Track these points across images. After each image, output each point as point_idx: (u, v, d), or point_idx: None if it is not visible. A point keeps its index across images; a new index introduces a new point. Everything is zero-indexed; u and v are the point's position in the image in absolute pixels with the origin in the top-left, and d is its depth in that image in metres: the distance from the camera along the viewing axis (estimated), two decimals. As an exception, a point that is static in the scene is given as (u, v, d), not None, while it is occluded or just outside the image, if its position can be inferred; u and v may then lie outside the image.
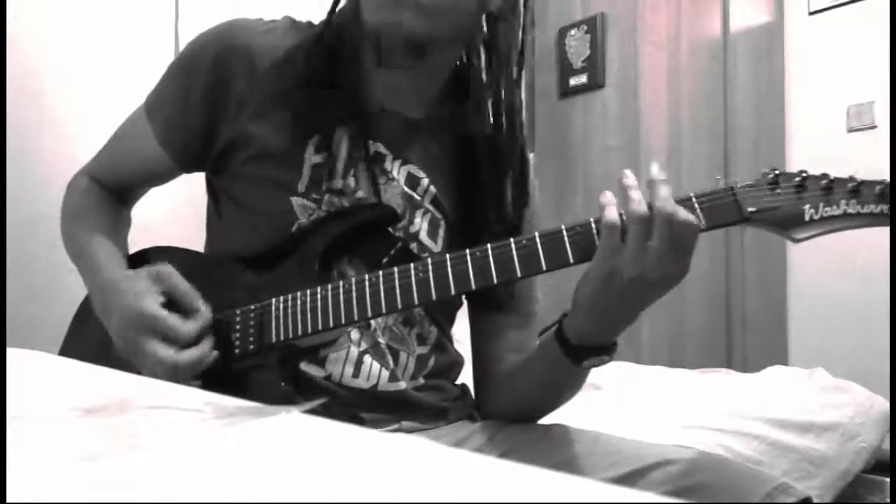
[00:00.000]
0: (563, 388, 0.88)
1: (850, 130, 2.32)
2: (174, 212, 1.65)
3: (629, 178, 0.73)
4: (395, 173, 0.88)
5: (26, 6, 1.74)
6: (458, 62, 0.94)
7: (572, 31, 2.84)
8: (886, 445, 1.72)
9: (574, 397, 0.91)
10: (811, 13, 2.46)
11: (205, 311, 0.80)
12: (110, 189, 0.99)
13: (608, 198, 0.72)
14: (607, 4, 2.77)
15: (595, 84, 2.77)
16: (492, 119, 0.91)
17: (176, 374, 0.77)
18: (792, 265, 2.48)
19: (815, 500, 0.75)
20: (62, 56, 1.80)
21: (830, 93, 2.39)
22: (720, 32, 2.63)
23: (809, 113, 2.45)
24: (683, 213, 0.69)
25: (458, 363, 0.99)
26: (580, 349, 0.78)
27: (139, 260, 0.93)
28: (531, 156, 0.98)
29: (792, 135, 2.48)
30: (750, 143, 2.54)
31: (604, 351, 0.79)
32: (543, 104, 2.96)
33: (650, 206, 0.70)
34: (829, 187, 0.71)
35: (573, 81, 2.84)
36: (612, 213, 0.70)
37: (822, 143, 2.34)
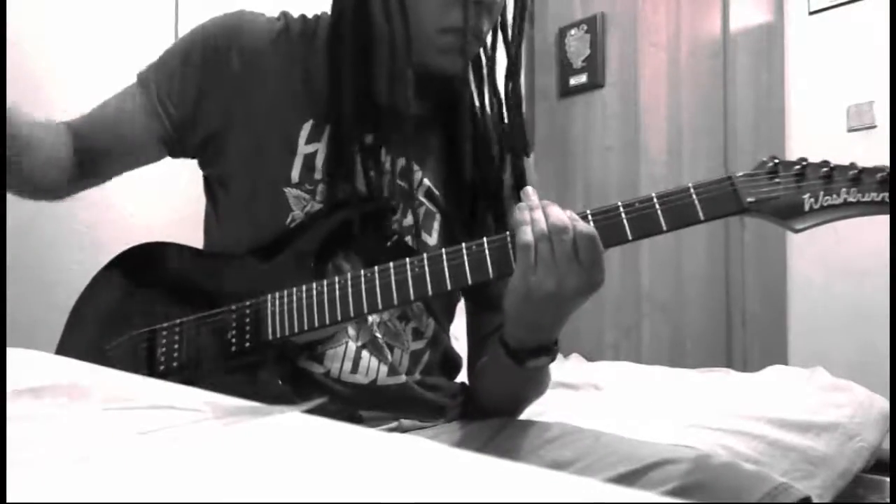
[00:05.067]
0: (523, 388, 0.90)
1: (850, 130, 2.32)
2: (175, 211, 1.65)
3: (531, 197, 0.74)
4: (388, 166, 0.88)
5: (26, 6, 1.74)
6: None
7: (572, 31, 2.84)
8: (886, 445, 1.72)
9: (541, 397, 0.93)
10: (811, 13, 2.46)
11: None
12: (79, 147, 0.92)
13: (524, 215, 0.73)
14: (607, 4, 2.77)
15: (595, 84, 2.77)
16: (484, 111, 0.91)
17: None
18: (792, 265, 2.48)
19: (815, 500, 0.75)
20: (62, 56, 1.80)
21: (830, 93, 2.39)
22: (720, 32, 2.63)
23: (809, 113, 2.45)
24: (581, 226, 0.71)
25: (455, 361, 0.99)
26: (521, 352, 0.81)
27: (138, 254, 0.93)
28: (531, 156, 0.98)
29: (792, 135, 2.49)
30: (750, 142, 2.54)
31: (544, 351, 0.81)
32: (543, 104, 2.96)
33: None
34: (829, 175, 0.69)
35: (573, 81, 2.84)
36: (527, 234, 0.72)
37: (822, 142, 2.34)
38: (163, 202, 1.62)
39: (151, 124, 0.90)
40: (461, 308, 1.00)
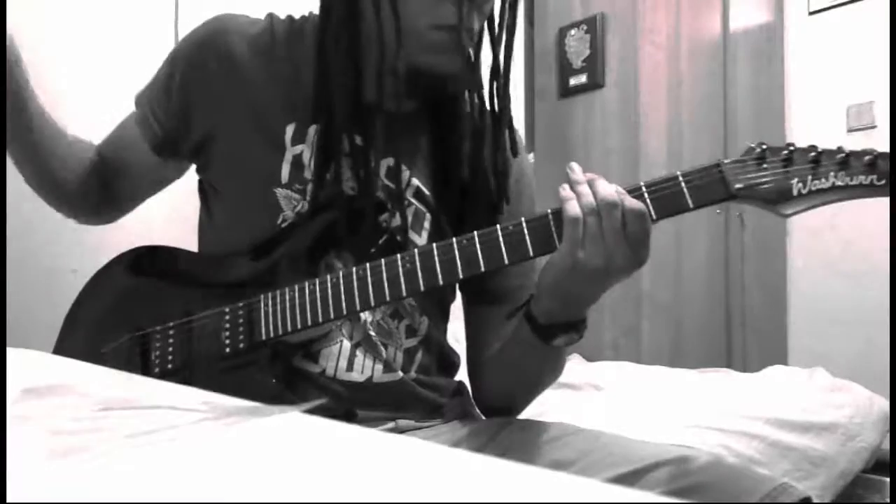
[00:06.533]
0: (541, 369, 0.89)
1: (850, 130, 2.33)
2: (177, 211, 1.65)
3: (576, 172, 0.74)
4: (374, 166, 0.88)
5: (26, 6, 1.74)
6: None
7: (572, 31, 2.84)
8: (886, 445, 1.72)
9: (553, 382, 0.92)
10: (811, 13, 2.46)
11: None
12: (100, 169, 0.98)
13: (567, 192, 0.73)
14: (607, 4, 2.76)
15: (595, 84, 2.77)
16: (475, 108, 0.91)
17: None
18: (792, 265, 2.48)
19: (815, 500, 0.75)
20: (62, 56, 1.79)
21: (830, 93, 2.39)
22: (720, 32, 2.63)
23: (809, 113, 2.45)
24: (630, 202, 0.71)
25: (451, 360, 0.99)
26: (549, 328, 0.79)
27: (134, 257, 0.93)
28: (530, 155, 0.98)
29: (792, 135, 2.49)
30: (750, 142, 2.54)
31: (573, 328, 0.80)
32: (543, 104, 2.96)
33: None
34: (817, 160, 0.69)
35: (573, 81, 2.84)
36: (574, 208, 0.72)
37: (822, 143, 2.34)
38: (164, 202, 1.62)
39: (144, 139, 0.93)
40: (459, 312, 1.00)
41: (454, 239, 0.76)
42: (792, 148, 0.71)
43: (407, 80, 0.85)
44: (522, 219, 0.75)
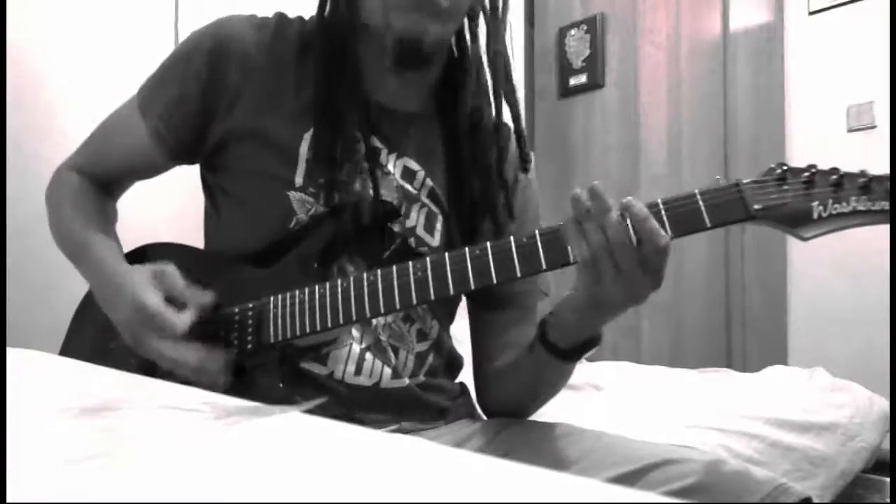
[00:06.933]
0: (555, 382, 0.90)
1: (850, 130, 2.32)
2: (181, 210, 1.65)
3: (580, 203, 0.70)
4: (390, 167, 0.88)
5: (26, 7, 1.74)
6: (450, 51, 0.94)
7: (572, 31, 2.84)
8: (886, 445, 1.72)
9: (563, 387, 0.92)
10: (811, 13, 2.46)
11: (200, 304, 0.80)
12: (97, 182, 0.97)
13: (572, 231, 0.71)
14: (607, 4, 2.77)
15: (595, 84, 2.77)
16: (490, 107, 0.91)
17: (177, 368, 0.78)
18: (792, 265, 2.48)
19: (815, 500, 0.75)
20: (62, 56, 1.79)
21: (830, 93, 2.39)
22: (720, 32, 2.63)
23: (809, 113, 2.45)
24: (647, 237, 0.68)
25: (457, 361, 0.99)
26: (570, 351, 0.81)
27: (139, 256, 0.93)
28: (531, 155, 0.98)
29: (792, 135, 2.48)
30: (750, 143, 2.54)
31: (591, 344, 0.81)
32: (543, 104, 2.96)
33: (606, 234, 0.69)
34: (839, 183, 0.67)
35: (573, 81, 2.84)
36: (583, 251, 0.70)
37: (822, 143, 2.34)
38: (163, 201, 1.62)
39: (157, 150, 0.92)
40: (462, 311, 1.00)
41: (466, 249, 0.75)
42: (814, 170, 0.69)
43: (395, 58, 0.84)
44: (536, 231, 0.73)
